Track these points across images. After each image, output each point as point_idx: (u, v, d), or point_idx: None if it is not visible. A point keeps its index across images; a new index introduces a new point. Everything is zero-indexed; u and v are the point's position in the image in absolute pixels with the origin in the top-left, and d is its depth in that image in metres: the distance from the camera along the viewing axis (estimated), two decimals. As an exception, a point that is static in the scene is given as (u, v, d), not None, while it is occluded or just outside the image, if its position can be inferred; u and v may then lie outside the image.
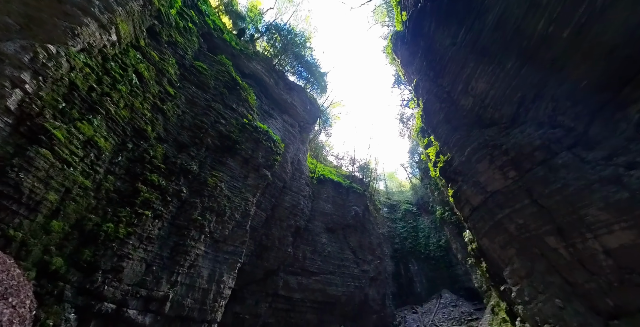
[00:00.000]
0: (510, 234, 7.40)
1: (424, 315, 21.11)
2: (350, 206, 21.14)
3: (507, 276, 7.89)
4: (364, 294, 18.30)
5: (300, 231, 16.93)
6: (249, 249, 13.28)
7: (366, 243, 20.94)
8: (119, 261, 6.16)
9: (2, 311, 3.81)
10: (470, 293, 21.52)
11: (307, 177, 18.73)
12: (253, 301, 13.99)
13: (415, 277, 26.39)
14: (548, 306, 6.44)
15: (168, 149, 8.38)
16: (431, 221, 29.21)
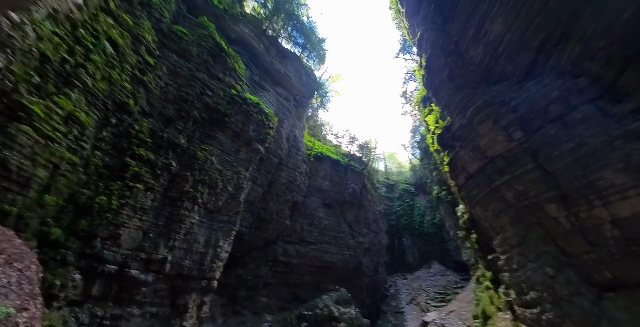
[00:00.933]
0: (507, 201, 7.29)
1: (413, 281, 23.13)
2: (347, 183, 21.48)
3: (497, 244, 8.03)
4: (358, 261, 19.73)
5: (297, 205, 17.62)
6: (248, 222, 14.08)
7: (362, 218, 21.88)
8: (116, 229, 6.69)
9: (9, 274, 4.36)
10: (458, 266, 22.89)
11: (304, 154, 18.76)
12: (254, 265, 15.35)
13: (408, 249, 28.25)
14: (537, 274, 6.42)
15: (154, 123, 8.38)
16: (428, 201, 30.03)
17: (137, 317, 6.98)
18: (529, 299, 6.64)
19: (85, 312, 6.23)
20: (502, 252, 7.83)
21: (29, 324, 4.93)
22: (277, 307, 16.10)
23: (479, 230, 9.56)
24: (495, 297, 9.28)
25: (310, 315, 14.74)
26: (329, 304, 15.62)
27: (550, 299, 6.04)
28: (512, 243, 7.30)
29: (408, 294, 21.12)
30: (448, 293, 18.90)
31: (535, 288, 6.43)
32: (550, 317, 5.95)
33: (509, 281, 7.61)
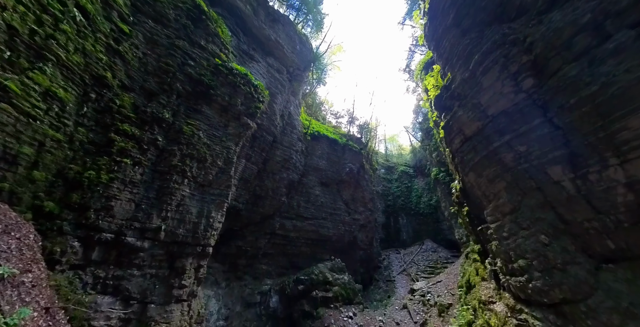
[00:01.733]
0: (504, 165, 7.04)
1: (405, 256, 24.75)
2: (345, 163, 21.61)
3: (488, 213, 8.03)
4: (353, 236, 20.77)
5: (294, 183, 18.06)
6: (244, 198, 14.67)
7: (359, 197, 22.47)
8: (107, 201, 7.19)
9: (9, 242, 4.89)
10: (450, 244, 24.25)
11: (300, 133, 18.62)
12: (253, 238, 16.41)
13: (402, 228, 29.87)
14: (530, 242, 6.30)
15: (136, 98, 8.39)
16: (426, 183, 31.09)
17: (137, 277, 7.82)
18: (516, 267, 6.62)
19: (88, 274, 7.01)
20: (492, 220, 7.83)
21: (35, 283, 5.63)
22: (276, 273, 17.57)
23: (470, 201, 9.70)
24: (481, 268, 9.91)
25: (306, 279, 16.10)
26: (324, 271, 16.94)
27: (540, 267, 6.00)
28: (504, 211, 7.19)
29: (400, 266, 22.80)
30: (437, 267, 20.30)
31: (524, 256, 6.38)
32: (537, 285, 5.94)
33: (496, 249, 7.67)
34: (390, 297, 17.75)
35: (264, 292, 16.38)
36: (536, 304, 6.15)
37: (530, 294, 6.19)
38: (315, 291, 15.48)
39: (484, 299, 8.73)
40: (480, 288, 9.62)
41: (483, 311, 8.76)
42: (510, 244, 6.94)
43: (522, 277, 6.45)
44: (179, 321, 8.62)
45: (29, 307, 5.03)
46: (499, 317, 7.49)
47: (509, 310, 7.07)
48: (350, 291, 16.25)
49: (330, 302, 15.10)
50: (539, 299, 5.99)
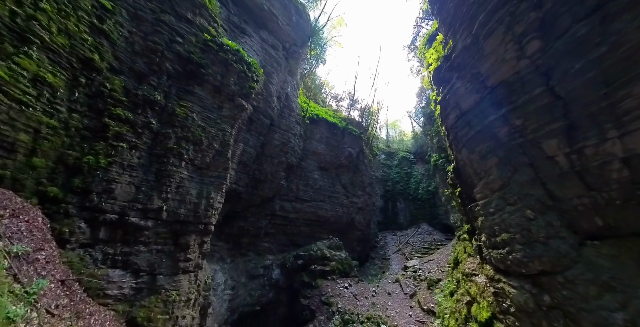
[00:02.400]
0: (498, 140, 7.11)
1: (401, 237, 26.28)
2: (344, 147, 21.61)
3: (478, 190, 8.22)
4: (351, 217, 21.57)
5: (292, 167, 18.35)
6: (244, 181, 15.11)
7: (358, 181, 22.87)
8: (108, 185, 7.61)
9: (18, 224, 5.38)
10: (445, 227, 25.48)
11: (298, 116, 18.40)
12: (254, 218, 17.22)
13: (400, 212, 31.24)
14: (515, 217, 6.49)
15: (126, 81, 8.40)
16: (425, 169, 31.83)
17: (144, 253, 8.54)
18: (499, 241, 6.94)
19: (97, 251, 7.69)
20: (481, 197, 8.05)
21: (49, 260, 6.25)
22: (277, 250, 18.71)
23: (462, 181, 9.89)
24: (469, 246, 10.51)
25: (305, 255, 17.18)
26: (322, 248, 17.96)
27: (522, 240, 6.27)
28: (494, 187, 7.36)
29: (395, 246, 24.33)
30: (431, 248, 21.59)
31: (508, 230, 6.67)
32: (517, 257, 6.29)
33: (482, 225, 7.99)
34: (385, 273, 19.08)
35: (266, 266, 17.65)
36: (515, 274, 6.59)
37: (510, 265, 6.59)
38: (314, 265, 16.60)
39: (468, 272, 9.47)
40: (465, 263, 10.38)
41: (465, 282, 9.59)
42: (495, 219, 7.22)
43: (503, 250, 6.83)
44: (188, 288, 9.54)
45: (46, 280, 5.67)
46: (479, 286, 8.27)
47: (488, 280, 7.71)
48: (346, 265, 17.37)
49: (327, 275, 16.26)
50: (517, 270, 6.40)
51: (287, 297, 16.70)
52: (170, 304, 8.71)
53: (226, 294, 15.41)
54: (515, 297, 6.34)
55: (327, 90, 35.05)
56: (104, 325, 7.34)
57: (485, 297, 7.78)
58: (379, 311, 12.98)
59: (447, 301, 11.27)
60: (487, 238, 7.77)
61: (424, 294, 13.49)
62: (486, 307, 7.63)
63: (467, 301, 9.03)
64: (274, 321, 16.69)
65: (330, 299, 14.19)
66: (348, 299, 14.33)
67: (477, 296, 8.31)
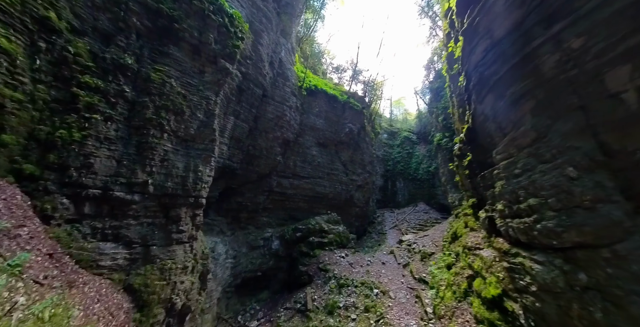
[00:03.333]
0: (539, 76, 5.67)
1: (399, 215, 27.36)
2: (345, 122, 20.78)
3: (499, 151, 7.04)
4: (349, 194, 21.66)
5: (289, 143, 17.86)
6: (238, 158, 14.88)
7: (358, 159, 22.45)
8: (86, 159, 7.47)
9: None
10: (442, 207, 26.44)
11: (294, 86, 17.34)
12: (252, 194, 17.37)
13: (399, 191, 32.38)
14: (549, 177, 5.36)
15: (91, 43, 7.74)
16: (427, 150, 32.24)
17: (135, 226, 8.72)
18: (523, 208, 5.98)
19: (85, 226, 7.82)
20: (503, 158, 6.91)
21: (33, 235, 6.33)
22: (276, 224, 19.24)
23: (475, 145, 8.90)
24: (471, 220, 10.44)
25: (304, 228, 17.64)
26: (320, 222, 18.36)
27: (557, 205, 5.19)
28: (522, 143, 6.18)
29: (392, 223, 25.37)
30: (427, 225, 22.42)
31: (538, 194, 5.62)
32: (548, 226, 5.28)
33: (500, 190, 6.93)
34: (380, 245, 20.01)
35: (266, 238, 18.30)
36: (540, 247, 5.66)
37: (536, 236, 5.62)
38: (312, 237, 17.14)
39: (470, 246, 9.40)
40: (466, 237, 10.32)
41: (467, 256, 9.46)
42: (521, 182, 6.14)
43: (528, 219, 5.84)
44: (183, 257, 9.97)
45: (30, 253, 5.76)
46: (485, 261, 7.94)
47: (499, 254, 7.13)
48: (344, 238, 17.91)
49: (325, 246, 16.86)
50: (545, 242, 5.43)
51: (287, 264, 17.59)
52: (167, 272, 9.12)
53: (228, 262, 16.24)
54: (540, 274, 5.51)
55: (328, 59, 32.97)
56: (100, 292, 7.74)
57: (493, 273, 7.35)
58: (372, 278, 13.64)
59: (442, 273, 11.53)
60: (505, 206, 6.78)
61: (417, 265, 14.00)
62: (494, 284, 7.16)
63: (469, 275, 8.91)
64: (274, 284, 17.80)
65: (327, 267, 14.89)
66: (344, 267, 15.00)
67: (482, 271, 7.96)
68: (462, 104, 10.02)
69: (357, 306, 11.69)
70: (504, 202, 6.88)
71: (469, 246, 9.43)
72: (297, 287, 15.17)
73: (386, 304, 11.66)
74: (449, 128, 23.46)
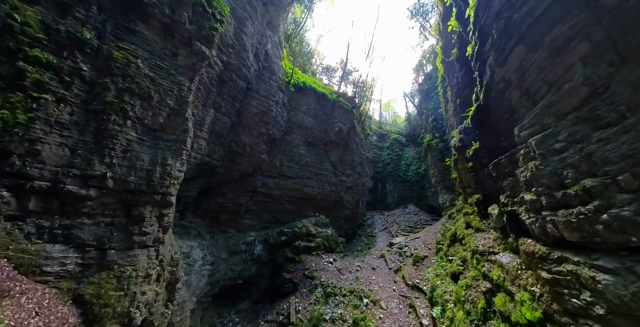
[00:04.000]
0: (596, 10, 4.13)
1: (389, 217, 27.34)
2: (334, 122, 20.48)
3: (526, 125, 5.72)
4: (339, 196, 21.11)
5: (275, 141, 17.16)
6: (218, 154, 14.02)
7: (347, 160, 22.11)
8: (32, 145, 6.52)
9: None
10: (432, 209, 27.06)
11: (281, 81, 16.75)
12: (234, 195, 16.45)
13: (389, 193, 32.97)
14: (617, 144, 3.90)
15: (44, 13, 6.89)
16: (416, 152, 33.23)
17: (90, 226, 7.71)
18: (572, 194, 4.51)
19: (29, 224, 6.80)
20: (532, 133, 5.56)
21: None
22: (259, 227, 18.27)
23: (486, 127, 7.74)
24: (476, 220, 9.44)
25: (290, 231, 16.77)
26: (308, 225, 17.54)
27: (634, 184, 3.67)
28: (566, 107, 4.79)
29: (382, 225, 25.20)
30: (417, 227, 22.27)
31: (598, 172, 4.17)
32: (622, 216, 3.73)
33: (530, 175, 5.44)
34: (370, 249, 19.41)
35: (248, 242, 17.29)
36: (605, 248, 4.11)
37: (600, 231, 4.03)
38: (298, 241, 16.27)
39: (481, 250, 7.89)
40: (473, 239, 9.05)
41: (479, 263, 7.86)
42: (567, 159, 4.69)
43: (584, 207, 4.31)
44: (147, 263, 8.92)
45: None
46: (506, 269, 6.32)
47: (529, 260, 5.57)
48: (332, 242, 17.12)
49: (312, 251, 16.01)
50: (615, 239, 3.89)
51: (270, 271, 16.59)
52: (126, 280, 8.08)
53: (205, 269, 15.12)
54: (610, 289, 3.81)
55: (318, 60, 32.89)
56: (41, 304, 6.68)
57: (523, 287, 5.69)
58: (362, 285, 12.86)
59: (446, 283, 9.60)
60: (539, 195, 5.31)
61: (409, 270, 13.35)
62: (529, 303, 5.41)
63: (486, 289, 6.96)
64: (256, 293, 16.75)
65: (313, 273, 14.01)
66: (332, 273, 14.17)
67: (506, 283, 6.26)
68: (460, 93, 9.59)
69: (345, 318, 10.84)
70: (539, 189, 5.22)
71: (480, 250, 7.92)
72: (280, 296, 14.24)
73: (377, 315, 10.87)
74: (439, 129, 24.21)
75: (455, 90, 11.66)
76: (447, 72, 13.58)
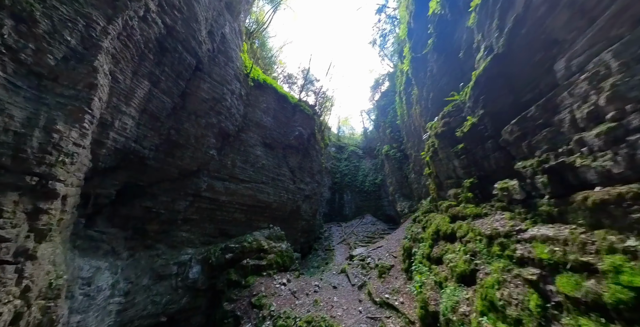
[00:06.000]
0: None
1: (346, 228, 26.45)
2: (295, 125, 19.31)
3: (586, 43, 4.40)
4: (296, 205, 19.06)
5: (229, 137, 14.77)
6: (151, 142, 10.94)
7: (307, 167, 20.89)
8: None
9: None
10: (388, 218, 27.28)
11: (239, 70, 14.94)
12: (169, 198, 12.97)
13: (346, 204, 32.60)
14: None
15: None
16: (373, 164, 34.26)
17: None
18: None
19: None
20: (598, 50, 4.20)
21: None
22: (200, 242, 14.66)
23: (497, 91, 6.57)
24: (470, 206, 7.61)
25: (237, 247, 13.61)
26: (260, 238, 14.65)
27: None
28: None
29: (340, 237, 23.73)
30: (375, 237, 21.37)
31: None
32: None
33: (612, 92, 3.84)
34: (328, 264, 17.15)
35: (182, 263, 13.47)
36: None
37: None
38: (246, 259, 13.15)
39: (505, 231, 5.58)
40: (478, 226, 6.76)
41: (507, 247, 5.43)
42: None
43: None
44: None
45: None
46: (560, 239, 4.21)
47: (601, 212, 3.78)
48: (287, 258, 14.41)
49: (263, 270, 13.00)
50: None
51: (207, 301, 12.78)
52: None
53: (113, 302, 10.88)
54: None
55: (280, 68, 32.39)
56: None
57: (607, 249, 3.51)
58: (322, 310, 10.24)
59: (452, 291, 6.46)
60: (622, 117, 3.72)
61: (375, 284, 11.32)
62: (626, 266, 3.21)
63: (537, 275, 4.36)
64: (186, 334, 12.74)
65: (262, 300, 10.92)
66: (285, 298, 11.29)
67: (569, 257, 4.10)
68: (435, 85, 8.58)
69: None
70: (626, 107, 3.65)
71: (502, 233, 5.69)
72: (217, 337, 10.69)
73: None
74: (397, 140, 25.68)
75: (428, 84, 11.20)
76: (415, 72, 13.35)
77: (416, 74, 13.44)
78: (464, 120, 7.92)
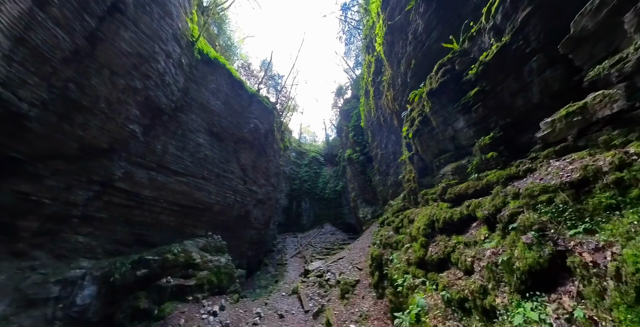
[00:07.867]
0: None
1: (303, 239, 24.38)
2: (250, 117, 16.57)
3: None
4: (245, 210, 16.11)
5: (162, 115, 11.40)
6: (36, 94, 7.22)
7: (262, 167, 18.14)
8: None
9: None
10: (348, 227, 26.05)
11: (180, 32, 11.88)
12: (61, 183, 9.01)
13: (304, 212, 30.52)
14: None
15: None
16: (334, 171, 33.35)
17: None
18: None
19: None
20: None
21: None
22: (105, 251, 10.72)
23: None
24: (495, 172, 5.70)
25: (156, 260, 10.03)
26: (190, 250, 11.25)
27: None
28: None
29: (295, 249, 21.48)
30: (334, 248, 19.56)
31: None
32: None
33: None
34: (278, 282, 14.14)
35: (69, 281, 9.40)
36: None
37: None
38: (167, 278, 9.72)
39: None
40: None
41: None
42: None
43: None
44: None
45: None
46: None
47: None
48: (224, 276, 11.25)
49: (189, 293, 9.66)
50: None
51: (96, 342, 9.10)
52: None
53: None
54: None
55: (240, 61, 29.98)
56: None
57: None
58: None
59: None
60: None
61: (337, 308, 8.87)
62: None
63: None
64: None
65: (176, 341, 7.79)
66: (213, 334, 8.31)
67: None
68: (420, 47, 8.28)
69: None
70: None
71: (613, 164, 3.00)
72: None
73: None
74: (360, 143, 24.67)
75: (409, 51, 10.46)
76: (390, 48, 12.43)
77: (390, 51, 12.54)
78: (472, 62, 6.45)
